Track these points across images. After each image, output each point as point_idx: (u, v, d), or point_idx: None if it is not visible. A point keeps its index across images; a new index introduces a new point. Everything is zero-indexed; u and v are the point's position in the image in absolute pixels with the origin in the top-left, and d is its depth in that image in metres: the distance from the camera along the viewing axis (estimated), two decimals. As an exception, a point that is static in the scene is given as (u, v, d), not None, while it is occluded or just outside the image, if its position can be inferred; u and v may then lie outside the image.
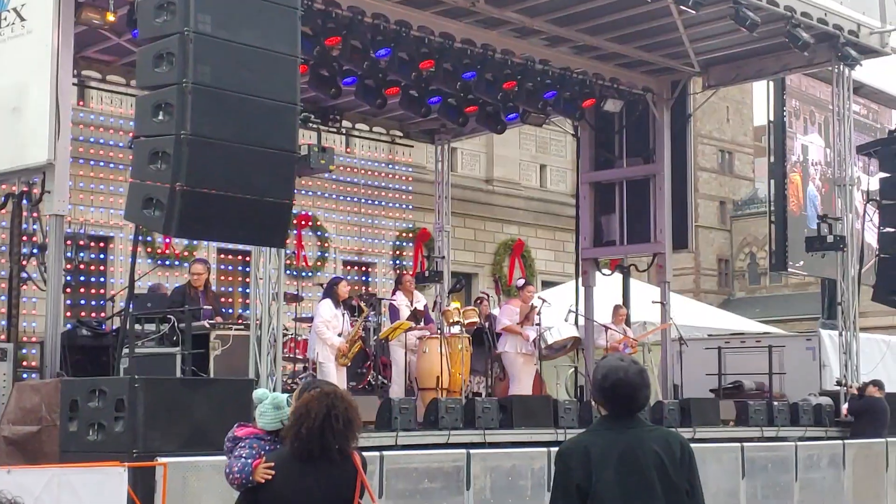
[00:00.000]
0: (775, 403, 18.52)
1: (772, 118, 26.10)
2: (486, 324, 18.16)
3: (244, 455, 6.07)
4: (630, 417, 5.53)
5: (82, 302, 18.78)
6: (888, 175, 19.59)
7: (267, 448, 6.10)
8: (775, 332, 26.59)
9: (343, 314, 15.75)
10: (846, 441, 17.97)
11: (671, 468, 5.37)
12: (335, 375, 14.89)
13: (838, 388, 19.35)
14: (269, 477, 5.74)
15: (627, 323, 20.35)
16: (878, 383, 19.46)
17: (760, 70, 21.45)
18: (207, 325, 13.66)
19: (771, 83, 24.26)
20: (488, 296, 21.27)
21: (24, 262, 14.67)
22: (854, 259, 20.12)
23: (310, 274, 22.09)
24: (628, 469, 5.35)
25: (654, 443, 5.44)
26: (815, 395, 19.30)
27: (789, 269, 27.65)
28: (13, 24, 13.02)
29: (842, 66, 19.37)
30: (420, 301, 18.12)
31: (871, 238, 22.39)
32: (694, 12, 16.66)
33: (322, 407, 5.68)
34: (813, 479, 16.96)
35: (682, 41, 18.79)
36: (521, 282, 20.35)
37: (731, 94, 63.74)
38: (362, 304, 16.78)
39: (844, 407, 18.95)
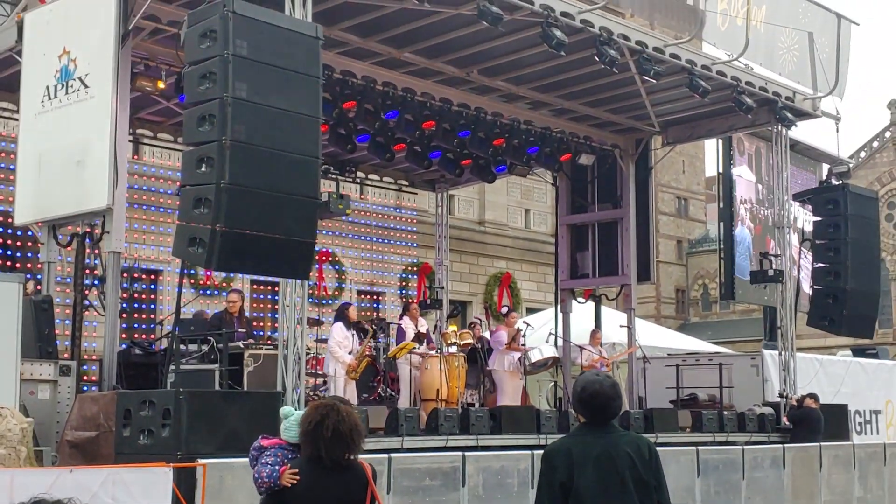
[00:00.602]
0: (725, 413, 18.47)
1: (720, 170, 26.04)
2: (479, 344, 18.14)
3: (270, 462, 6.04)
4: (605, 424, 5.53)
5: (135, 326, 18.73)
6: (820, 219, 19.56)
7: (289, 457, 6.06)
8: (725, 351, 26.45)
9: (353, 335, 15.73)
10: (786, 445, 17.92)
11: (641, 467, 5.40)
12: (344, 388, 14.91)
13: (779, 399, 19.30)
14: (295, 481, 5.70)
15: (602, 345, 20.29)
16: (813, 396, 19.42)
17: (711, 129, 21.46)
18: (241, 346, 13.61)
19: (720, 140, 24.22)
20: (480, 321, 21.26)
21: (87, 292, 14.65)
22: (791, 290, 20.10)
23: (329, 302, 22.06)
24: (605, 468, 5.35)
25: (626, 446, 5.46)
26: (759, 406, 19.23)
27: (737, 299, 27.64)
28: (78, 90, 13.02)
29: (780, 127, 19.38)
30: (423, 325, 18.12)
31: (805, 274, 22.35)
32: (654, 81, 16.68)
33: (317, 414, 5.71)
34: (758, 478, 16.90)
35: (645, 105, 18.80)
36: (507, 309, 20.36)
37: (686, 150, 64.01)
38: (369, 326, 16.81)
39: (784, 416, 18.90)
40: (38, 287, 14.80)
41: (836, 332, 19.89)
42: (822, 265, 19.29)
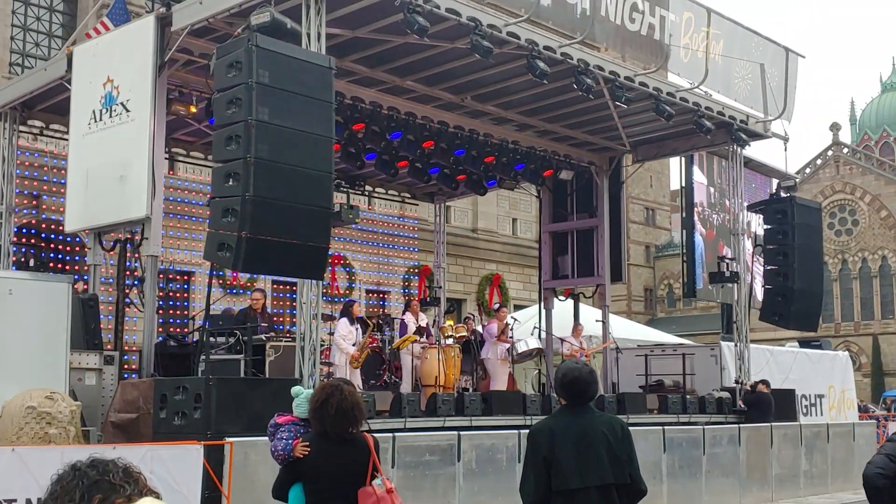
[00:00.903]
0: (688, 397, 18.48)
1: (683, 185, 26.04)
2: (473, 337, 18.15)
3: (285, 437, 6.11)
4: (583, 406, 5.53)
5: (170, 321, 18.69)
6: (770, 227, 19.59)
7: (302, 431, 6.09)
8: (687, 343, 26.48)
9: (357, 329, 15.73)
10: (741, 425, 17.93)
11: (615, 443, 5.40)
12: (348, 375, 14.90)
13: (735, 385, 19.31)
14: (306, 453, 5.71)
15: (582, 336, 20.31)
16: (765, 382, 19.44)
17: (675, 148, 21.47)
18: (264, 338, 13.60)
19: (682, 158, 24.22)
20: (473, 316, 21.23)
21: (128, 291, 14.65)
22: (745, 289, 20.12)
23: (341, 300, 22.01)
24: (583, 444, 5.35)
25: (601, 425, 5.46)
26: (718, 391, 19.22)
27: (698, 296, 27.66)
28: (120, 114, 13.04)
29: (735, 146, 19.39)
30: (423, 320, 18.10)
31: (758, 275, 22.34)
32: (625, 106, 16.68)
33: (323, 394, 5.76)
34: (716, 454, 16.89)
35: (617, 127, 18.80)
36: (497, 306, 20.36)
37: (653, 166, 64.01)
38: (370, 321, 16.81)
39: (740, 400, 18.90)
40: (86, 287, 14.79)
41: (785, 326, 19.87)
42: (773, 267, 19.32)
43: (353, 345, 15.43)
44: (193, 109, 15.28)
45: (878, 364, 67.32)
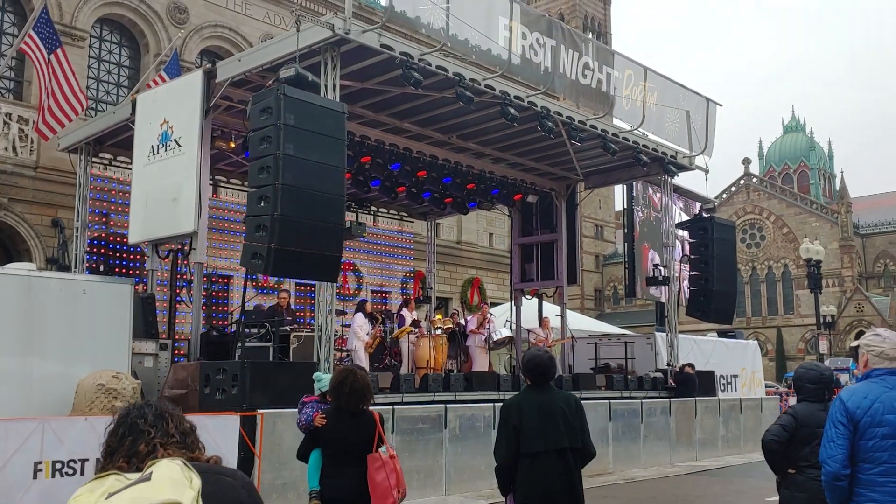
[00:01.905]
0: (629, 376, 18.54)
1: (625, 206, 26.02)
2: (458, 328, 18.11)
3: (308, 412, 6.16)
4: (545, 385, 5.52)
5: (213, 315, 18.58)
6: (694, 241, 19.66)
7: (321, 407, 6.10)
8: (629, 333, 26.48)
9: (369, 322, 15.69)
10: (672, 399, 17.97)
11: (570, 415, 5.39)
12: (364, 358, 14.91)
13: (666, 367, 19.35)
14: (323, 423, 5.71)
15: (549, 328, 20.29)
16: (691, 365, 19.48)
17: (618, 178, 21.52)
18: (288, 329, 13.55)
19: (624, 185, 24.25)
20: (458, 311, 21.21)
21: (179, 291, 14.59)
22: (674, 290, 20.15)
23: (351, 298, 21.92)
24: (544, 416, 5.33)
25: (559, 400, 5.45)
26: (653, 372, 19.26)
27: (637, 296, 27.65)
28: (174, 148, 13.01)
29: (666, 176, 19.46)
30: (416, 315, 18.06)
31: (684, 278, 22.39)
32: (579, 144, 16.74)
33: (340, 376, 5.82)
34: (652, 422, 16.92)
35: (573, 161, 18.86)
36: (479, 303, 20.35)
37: (601, 192, 64.34)
38: (380, 316, 16.77)
39: (670, 379, 18.93)
40: (145, 288, 14.71)
41: (706, 320, 19.94)
42: (696, 273, 19.40)
43: (367, 334, 15.40)
44: (233, 145, 15.26)
45: (781, 350, 67.56)
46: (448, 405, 12.96)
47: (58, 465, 7.67)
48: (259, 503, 2.28)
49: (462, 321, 19.14)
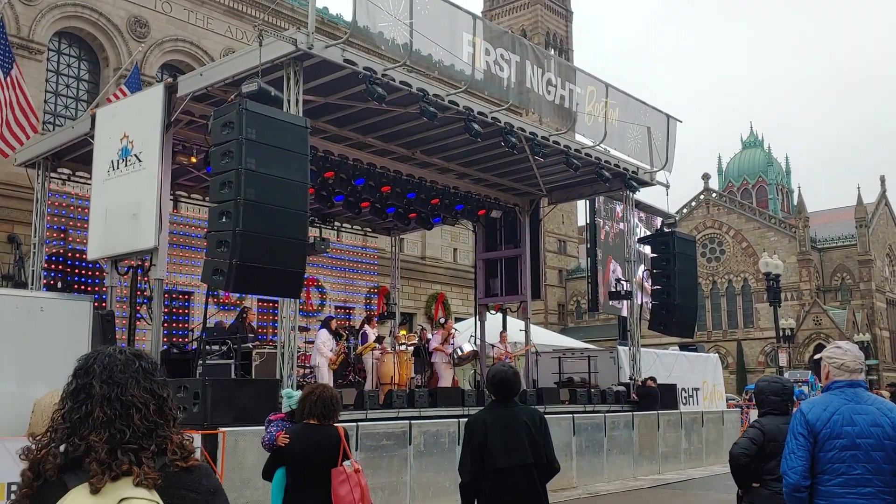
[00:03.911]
0: (592, 390, 18.57)
1: (588, 222, 26.28)
2: (424, 344, 18.05)
3: (272, 430, 6.21)
4: (509, 400, 5.51)
5: (174, 332, 18.36)
6: (656, 255, 19.84)
7: (286, 426, 6.09)
8: (592, 347, 26.63)
9: (333, 338, 15.58)
10: (634, 412, 18.05)
11: (534, 430, 5.38)
12: (327, 375, 14.77)
13: (629, 381, 19.44)
14: (287, 442, 5.67)
15: (507, 342, 20.31)
16: (653, 378, 19.61)
17: (581, 193, 21.68)
18: (250, 346, 13.42)
19: (587, 201, 24.46)
20: (423, 328, 21.17)
21: (138, 308, 14.38)
22: (636, 305, 20.32)
23: (314, 315, 21.82)
24: (509, 431, 5.32)
25: (523, 415, 5.44)
26: (616, 385, 19.35)
27: (600, 310, 27.86)
28: (134, 164, 12.84)
29: (628, 192, 19.64)
30: (378, 331, 17.97)
31: (646, 292, 22.60)
32: (542, 160, 16.83)
33: (309, 388, 5.89)
34: (615, 436, 16.98)
35: (536, 176, 18.96)
36: (443, 319, 20.32)
37: (564, 207, 64.64)
38: (344, 333, 16.65)
39: (633, 392, 19.03)
40: (104, 304, 14.47)
41: (668, 333, 20.12)
42: (658, 287, 19.55)
43: (331, 350, 15.28)
44: (194, 160, 15.12)
45: (742, 363, 68.42)
46: (412, 421, 12.89)
47: (13, 488, 7.50)
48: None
49: (429, 336, 19.10)
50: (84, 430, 2.04)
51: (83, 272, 16.99)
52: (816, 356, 4.83)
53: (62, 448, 2.04)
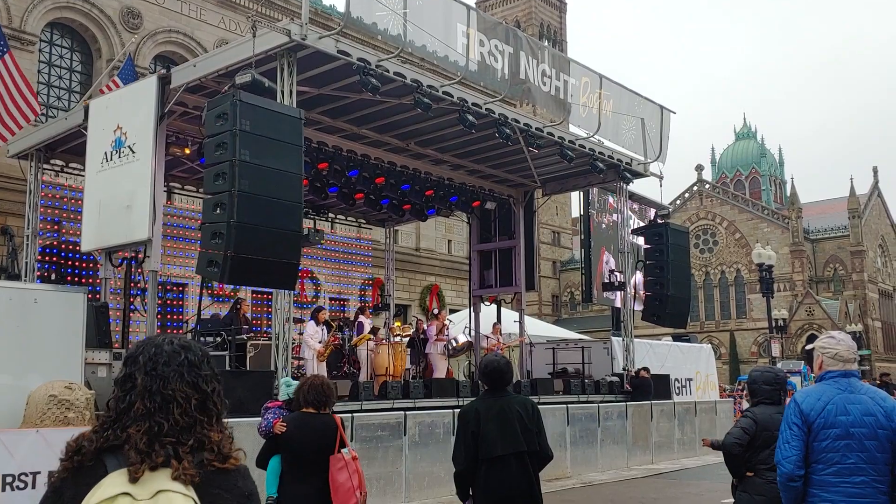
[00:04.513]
0: (586, 381, 18.61)
1: (581, 213, 26.22)
2: (420, 335, 18.04)
3: (269, 417, 6.18)
4: (502, 390, 5.53)
5: (168, 323, 18.31)
6: (649, 247, 19.87)
7: (283, 413, 6.08)
8: (586, 338, 26.70)
9: (323, 329, 15.52)
10: (628, 403, 18.11)
11: (527, 419, 5.42)
12: (316, 367, 14.70)
13: (623, 371, 19.49)
14: (283, 430, 5.67)
15: (501, 333, 20.33)
16: (646, 369, 19.67)
17: (575, 184, 21.66)
18: (245, 338, 13.40)
19: (581, 192, 24.42)
20: (418, 319, 21.16)
21: (133, 300, 14.36)
22: (630, 296, 20.35)
23: (308, 306, 21.78)
24: (502, 421, 5.35)
25: (516, 405, 5.46)
26: (609, 376, 19.39)
27: (594, 301, 27.83)
28: (128, 155, 12.78)
29: (622, 183, 19.65)
30: (373, 322, 17.95)
31: (640, 284, 22.63)
32: (536, 151, 16.84)
33: (304, 379, 5.99)
34: (609, 426, 17.04)
35: (530, 168, 18.93)
36: (437, 310, 20.31)
37: (558, 199, 64.79)
38: (335, 324, 16.60)
39: (626, 383, 19.08)
40: (98, 296, 14.43)
41: (661, 324, 20.15)
42: (651, 278, 19.59)
43: (320, 342, 15.23)
44: (188, 151, 15.05)
45: (734, 353, 68.64)
46: (407, 412, 12.91)
47: (8, 479, 7.48)
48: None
49: (426, 327, 19.11)
50: (126, 421, 2.06)
51: (77, 264, 16.92)
52: (809, 346, 4.84)
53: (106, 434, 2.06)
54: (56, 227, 16.92)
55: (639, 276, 21.34)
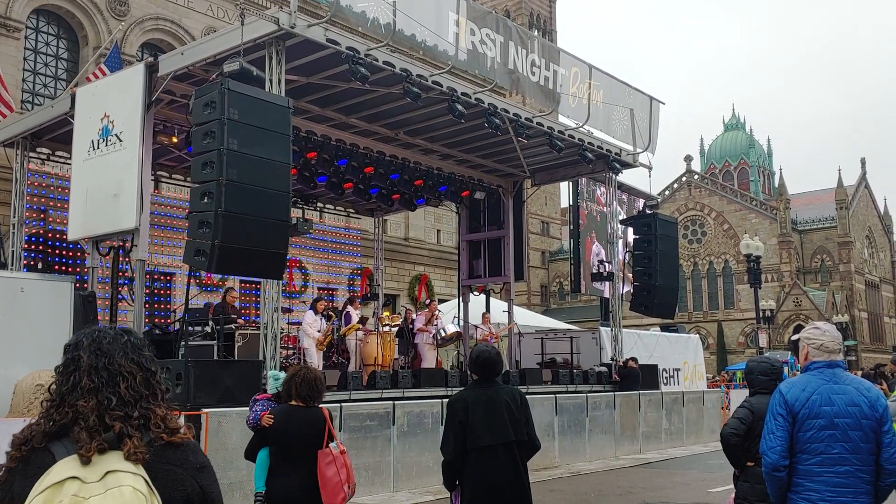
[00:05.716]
0: (574, 371, 18.70)
1: (570, 203, 26.27)
2: (409, 325, 18.05)
3: (257, 409, 6.17)
4: (491, 380, 5.54)
5: (156, 313, 18.24)
6: (638, 237, 19.92)
7: (272, 406, 6.07)
8: (574, 328, 26.78)
9: (321, 319, 15.54)
10: (616, 393, 18.20)
11: (515, 409, 5.44)
12: (315, 356, 14.76)
13: (611, 361, 19.58)
14: (271, 422, 5.68)
15: (490, 323, 20.35)
16: (634, 359, 19.78)
17: (564, 175, 21.69)
18: (233, 327, 13.37)
19: (570, 182, 24.45)
20: (408, 309, 21.17)
21: (120, 289, 14.30)
22: (618, 286, 20.41)
23: (297, 296, 21.74)
24: (490, 410, 5.37)
25: (504, 395, 5.48)
26: (598, 366, 19.48)
27: (583, 292, 27.90)
28: (115, 143, 12.72)
29: (611, 173, 19.67)
30: (360, 312, 17.92)
31: (628, 273, 22.69)
32: (526, 141, 16.84)
33: (293, 370, 5.92)
34: (597, 416, 17.12)
35: (519, 158, 18.92)
36: (428, 301, 20.28)
37: (547, 189, 64.81)
38: (332, 314, 16.62)
39: (615, 373, 19.16)
40: (86, 285, 14.36)
41: (649, 314, 20.23)
42: (640, 269, 19.64)
43: (318, 331, 15.25)
44: (175, 140, 14.99)
45: (722, 344, 69.03)
46: (396, 402, 12.94)
47: (-7, 468, 7.45)
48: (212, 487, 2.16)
49: (414, 317, 19.11)
50: (72, 399, 2.08)
51: (64, 253, 16.84)
52: (795, 337, 4.87)
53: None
54: (42, 215, 16.82)
55: (628, 266, 21.41)
